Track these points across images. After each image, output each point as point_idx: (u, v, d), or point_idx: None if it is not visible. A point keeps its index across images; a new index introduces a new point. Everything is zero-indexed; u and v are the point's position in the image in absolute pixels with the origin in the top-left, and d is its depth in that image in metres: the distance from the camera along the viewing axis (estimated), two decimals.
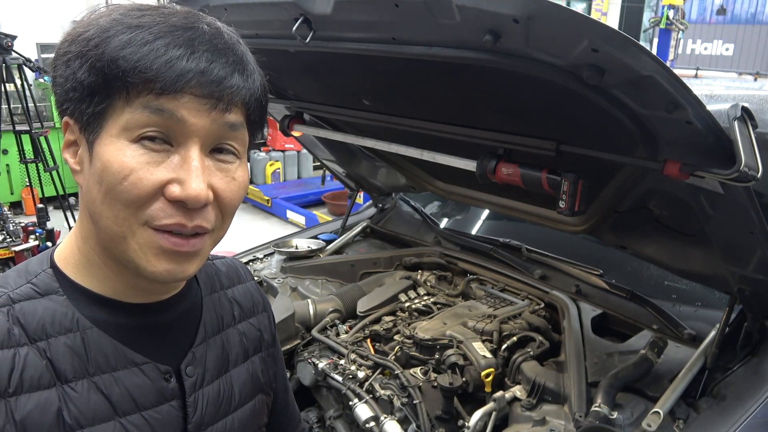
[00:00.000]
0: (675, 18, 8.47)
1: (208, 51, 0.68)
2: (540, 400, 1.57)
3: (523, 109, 1.51)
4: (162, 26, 0.68)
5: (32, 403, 0.68)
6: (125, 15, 0.70)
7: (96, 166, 0.69)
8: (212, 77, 0.68)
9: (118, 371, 0.75)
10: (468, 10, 1.07)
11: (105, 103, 0.68)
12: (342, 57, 1.56)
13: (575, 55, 1.04)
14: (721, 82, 3.45)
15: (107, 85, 0.67)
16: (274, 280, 2.26)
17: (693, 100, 1.01)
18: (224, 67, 0.69)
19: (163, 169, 0.69)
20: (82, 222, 0.76)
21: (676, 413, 1.43)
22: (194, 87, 0.67)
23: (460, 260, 2.30)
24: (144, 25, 0.68)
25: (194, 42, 0.68)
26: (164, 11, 0.71)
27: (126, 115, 0.68)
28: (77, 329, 0.73)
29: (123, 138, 0.68)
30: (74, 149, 0.73)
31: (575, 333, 1.75)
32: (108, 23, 0.69)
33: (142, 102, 0.67)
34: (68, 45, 0.71)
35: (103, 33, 0.68)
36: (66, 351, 0.72)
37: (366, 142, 1.97)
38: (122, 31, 0.67)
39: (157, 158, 0.69)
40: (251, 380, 0.94)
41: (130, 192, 0.68)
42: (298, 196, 7.05)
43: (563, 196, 1.38)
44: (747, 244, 1.32)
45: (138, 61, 0.66)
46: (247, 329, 0.96)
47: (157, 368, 0.78)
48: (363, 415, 1.57)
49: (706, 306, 1.86)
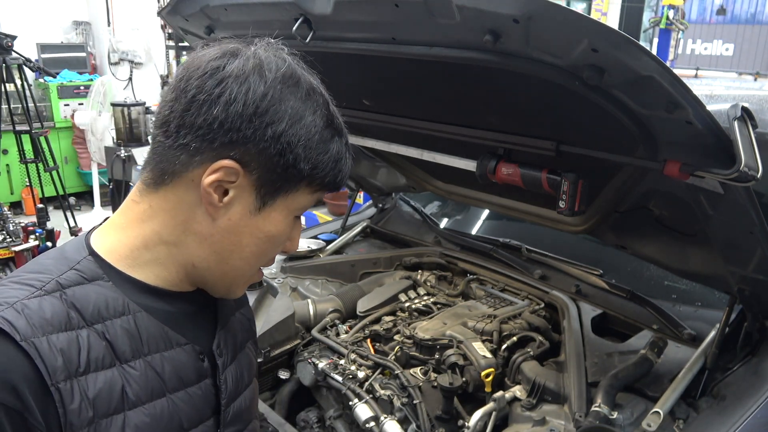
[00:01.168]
0: (675, 18, 8.47)
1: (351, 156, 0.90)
2: (540, 400, 1.57)
3: (523, 109, 1.51)
4: (343, 133, 0.88)
5: (101, 382, 0.74)
6: (325, 107, 0.85)
7: (266, 226, 0.83)
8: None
9: (167, 351, 0.82)
10: (468, 10, 1.07)
11: (299, 187, 0.82)
12: (342, 57, 1.56)
13: (575, 55, 1.04)
14: (721, 82, 3.45)
15: (314, 178, 0.82)
16: (274, 280, 2.26)
17: (693, 100, 1.01)
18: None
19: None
20: (170, 229, 0.82)
21: (676, 413, 1.43)
22: None
23: (460, 260, 2.30)
24: (339, 130, 0.87)
25: (344, 153, 0.88)
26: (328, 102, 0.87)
27: (306, 200, 0.85)
28: (129, 312, 0.79)
29: (292, 214, 0.85)
30: (224, 189, 0.80)
31: (575, 333, 1.75)
32: (322, 118, 0.83)
33: (319, 195, 0.86)
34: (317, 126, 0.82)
35: (323, 132, 0.83)
36: (122, 333, 0.77)
37: (366, 142, 1.97)
38: (333, 137, 0.84)
39: None
40: (250, 365, 1.03)
41: (277, 250, 0.89)
42: None
43: (563, 196, 1.38)
44: (747, 244, 1.32)
45: (341, 176, 0.86)
46: (241, 318, 1.04)
47: (194, 349, 0.86)
48: (363, 415, 1.57)
49: (706, 306, 1.86)
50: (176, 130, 0.78)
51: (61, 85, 6.60)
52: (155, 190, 0.82)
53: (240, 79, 0.77)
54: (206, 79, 0.77)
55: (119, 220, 0.85)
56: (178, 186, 0.80)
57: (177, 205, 0.81)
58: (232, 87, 0.77)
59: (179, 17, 1.74)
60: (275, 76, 0.79)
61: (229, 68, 0.78)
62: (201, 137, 0.78)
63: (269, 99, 0.78)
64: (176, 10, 1.70)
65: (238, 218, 0.81)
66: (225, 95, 0.76)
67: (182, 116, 0.78)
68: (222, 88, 0.77)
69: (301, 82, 0.82)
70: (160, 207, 0.82)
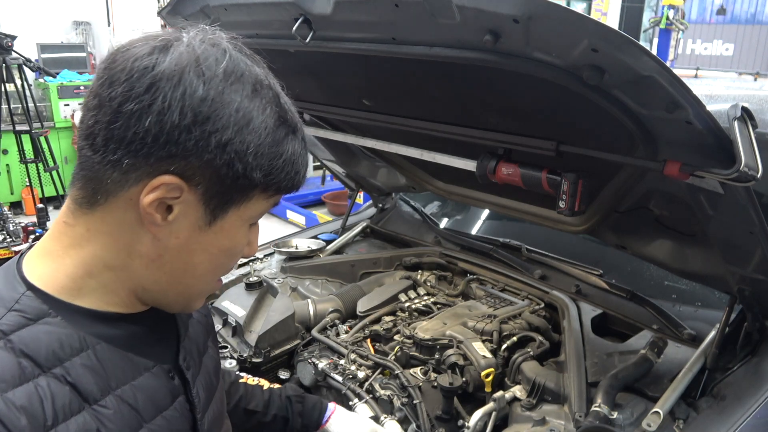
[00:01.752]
0: (675, 18, 8.47)
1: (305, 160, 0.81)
2: (540, 400, 1.57)
3: (523, 109, 1.51)
4: (298, 128, 0.77)
5: (73, 431, 0.66)
6: (275, 102, 0.74)
7: (218, 240, 0.76)
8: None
9: (135, 380, 0.75)
10: (468, 10, 1.07)
11: (251, 195, 0.75)
12: (342, 57, 1.56)
13: (575, 55, 1.04)
14: (721, 82, 3.45)
15: (268, 184, 0.74)
16: (274, 280, 2.26)
17: (693, 100, 1.01)
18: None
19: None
20: (113, 253, 0.73)
21: (676, 413, 1.43)
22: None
23: (460, 260, 2.30)
24: (294, 126, 0.76)
25: (300, 159, 0.79)
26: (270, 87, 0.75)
27: (262, 206, 0.77)
28: (87, 347, 0.71)
29: (248, 222, 0.78)
30: (167, 205, 0.71)
31: (575, 333, 1.75)
32: (272, 117, 0.73)
33: (275, 200, 0.78)
34: (233, 131, 0.70)
35: (275, 133, 0.73)
36: (85, 371, 0.69)
37: (366, 142, 1.97)
38: (287, 137, 0.75)
39: None
40: (216, 366, 0.99)
41: (235, 261, 0.82)
42: (298, 196, 7.04)
43: (563, 196, 1.38)
44: (747, 244, 1.32)
45: (298, 176, 0.78)
46: (199, 317, 0.99)
47: (162, 369, 0.80)
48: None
49: (706, 306, 1.86)
50: (104, 143, 0.68)
51: (61, 85, 6.60)
52: (90, 211, 0.72)
53: (173, 80, 0.66)
54: (133, 83, 0.66)
55: (53, 246, 0.75)
56: (115, 206, 0.71)
57: (117, 227, 0.72)
58: (164, 91, 0.66)
59: (179, 17, 1.74)
60: (215, 73, 0.69)
61: (160, 68, 0.67)
62: (134, 153, 0.67)
63: (210, 102, 0.67)
64: (176, 10, 1.70)
65: (187, 235, 0.73)
66: (157, 103, 0.66)
67: (109, 128, 0.67)
68: (153, 94, 0.66)
69: (245, 77, 0.71)
70: (99, 230, 0.72)
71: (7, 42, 4.60)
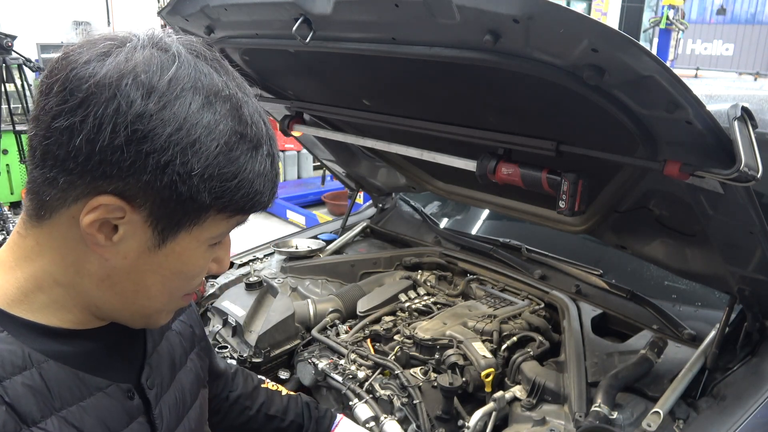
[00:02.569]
0: (675, 18, 8.47)
1: (277, 162, 0.73)
2: (540, 400, 1.57)
3: (523, 109, 1.51)
4: (263, 142, 0.69)
5: None
6: (232, 115, 0.66)
7: (170, 263, 0.70)
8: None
9: (84, 400, 0.70)
10: (468, 10, 1.07)
11: (206, 216, 0.68)
12: (342, 57, 1.56)
13: (575, 55, 1.04)
14: (721, 82, 3.45)
15: (223, 206, 0.68)
16: (274, 280, 2.26)
17: (693, 100, 1.01)
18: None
19: (210, 254, 0.75)
20: (61, 270, 0.69)
21: (676, 413, 1.43)
22: None
23: (460, 260, 2.30)
24: (256, 141, 0.68)
25: (277, 162, 0.73)
26: (228, 89, 0.68)
27: (221, 227, 0.71)
28: (32, 365, 0.66)
29: (207, 243, 0.72)
30: (112, 224, 0.66)
31: (575, 333, 1.75)
32: (225, 133, 0.65)
33: (239, 219, 0.72)
34: (170, 145, 0.62)
35: (229, 152, 0.65)
36: (25, 391, 0.64)
37: (366, 142, 1.97)
38: (246, 154, 0.67)
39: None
40: (196, 380, 0.94)
41: (197, 282, 0.76)
42: (298, 196, 7.05)
43: (563, 196, 1.38)
44: (747, 244, 1.32)
45: (262, 196, 0.70)
46: (181, 328, 0.95)
47: (120, 388, 0.75)
48: (363, 415, 1.57)
49: (706, 306, 1.86)
50: (42, 159, 0.63)
51: None
52: (39, 224, 0.68)
53: (107, 93, 0.60)
54: (66, 96, 0.60)
55: (6, 256, 0.71)
56: (59, 222, 0.66)
57: (63, 243, 0.67)
58: (97, 107, 0.59)
59: (179, 17, 1.74)
60: (156, 84, 0.61)
61: (95, 79, 0.60)
62: (68, 171, 0.62)
63: (148, 119, 0.60)
64: (176, 10, 1.70)
65: (135, 256, 0.68)
66: (89, 120, 0.59)
67: (43, 144, 0.62)
68: (85, 109, 0.60)
69: (198, 87, 0.64)
70: (47, 245, 0.68)
71: (7, 42, 4.60)
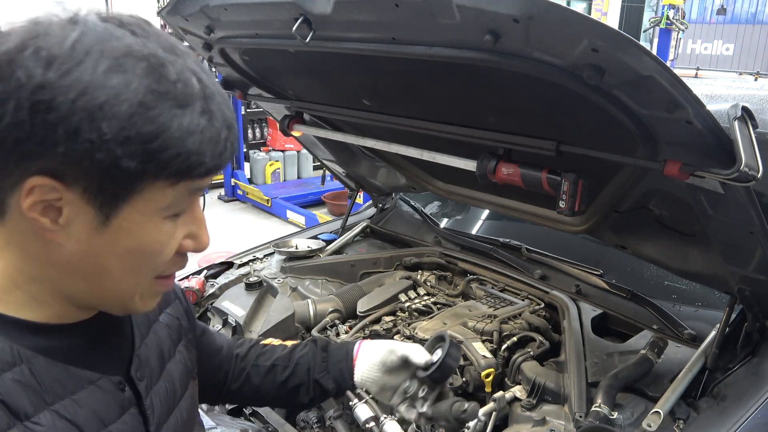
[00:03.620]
0: (675, 18, 8.46)
1: (231, 121, 0.69)
2: (540, 400, 1.57)
3: (523, 109, 1.51)
4: (199, 100, 0.64)
5: None
6: (149, 75, 0.61)
7: (120, 241, 0.67)
8: (234, 149, 0.70)
9: (76, 393, 0.70)
10: (468, 10, 1.07)
11: (142, 185, 0.64)
12: (342, 57, 1.56)
13: (575, 55, 1.04)
14: (721, 82, 3.45)
15: (156, 171, 0.63)
16: (274, 280, 2.26)
17: (693, 100, 1.01)
18: (234, 130, 0.70)
19: (179, 230, 0.71)
20: (29, 264, 0.69)
21: (676, 413, 1.43)
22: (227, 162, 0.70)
23: (460, 260, 2.30)
24: (186, 100, 0.63)
25: (226, 116, 0.67)
26: (164, 55, 0.64)
27: (169, 196, 0.66)
28: (21, 362, 0.66)
29: (158, 215, 0.68)
30: (55, 207, 0.64)
31: (575, 333, 1.75)
32: (139, 93, 0.60)
33: (189, 186, 0.67)
34: (86, 115, 0.59)
35: (146, 111, 0.60)
36: (16, 387, 0.65)
37: (366, 142, 1.97)
38: (169, 112, 0.62)
39: (173, 222, 0.70)
40: (185, 370, 0.94)
41: (162, 262, 0.71)
42: (298, 196, 7.05)
43: (563, 196, 1.38)
44: (747, 244, 1.32)
45: (202, 153, 0.65)
46: (168, 320, 0.94)
47: (110, 381, 0.75)
48: (363, 415, 1.57)
49: (706, 306, 1.86)
50: None
51: None
52: (2, 222, 0.67)
53: (8, 69, 0.58)
54: None
55: None
56: (12, 215, 0.65)
57: (22, 236, 0.66)
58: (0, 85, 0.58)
59: (179, 17, 1.74)
60: (57, 53, 0.59)
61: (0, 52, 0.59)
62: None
63: (50, 88, 0.58)
64: (176, 10, 1.70)
65: (86, 238, 0.65)
66: None
67: None
68: None
69: (105, 51, 0.60)
70: (12, 241, 0.68)
71: None
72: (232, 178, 7.34)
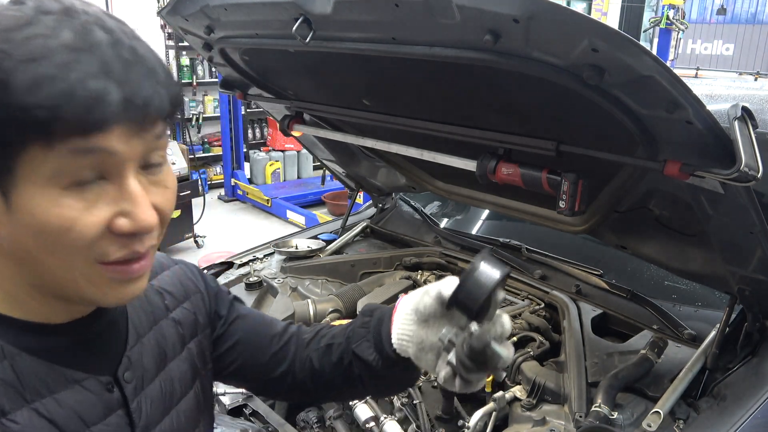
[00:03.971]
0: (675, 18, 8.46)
1: (124, 72, 0.60)
2: (540, 400, 1.57)
3: (523, 109, 1.51)
4: (62, 49, 0.57)
5: None
6: (7, 34, 0.57)
7: (25, 220, 0.61)
8: (139, 102, 0.61)
9: (59, 393, 0.69)
10: (468, 9, 1.07)
11: (18, 153, 0.58)
12: (342, 57, 1.56)
13: (575, 55, 1.04)
14: (721, 82, 3.45)
15: (19, 135, 0.57)
16: (274, 280, 2.26)
17: (693, 100, 1.01)
18: (144, 84, 0.62)
19: (104, 205, 0.62)
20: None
21: (676, 413, 1.43)
22: (122, 118, 0.60)
23: (460, 260, 2.30)
24: (40, 52, 0.57)
25: (107, 65, 0.59)
26: (40, 15, 0.59)
27: (51, 162, 0.59)
28: (4, 358, 0.66)
29: (53, 186, 0.60)
30: None
31: (575, 333, 1.75)
32: None
33: (68, 146, 0.58)
34: None
35: (34, 78, 0.56)
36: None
37: (366, 142, 1.97)
38: (17, 65, 0.56)
39: (93, 196, 0.62)
40: (190, 369, 0.90)
41: (78, 240, 0.62)
42: (298, 196, 7.05)
43: (563, 196, 1.38)
44: (747, 244, 1.32)
45: (56, 107, 0.56)
46: (182, 316, 0.91)
47: (98, 381, 0.74)
48: (363, 415, 1.57)
49: (706, 306, 1.86)
50: None
51: None
52: None
53: None
54: None
55: None
56: None
57: None
58: None
59: (179, 17, 1.74)
60: None
61: None
62: None
63: None
64: (176, 10, 1.70)
65: (5, 222, 0.62)
66: None
67: None
68: None
69: None
70: None
71: None
72: (232, 178, 7.35)
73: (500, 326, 0.83)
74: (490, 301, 0.82)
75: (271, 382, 1.04)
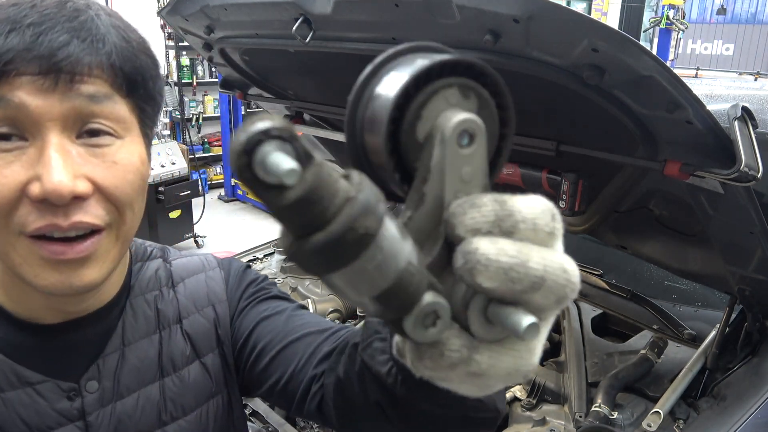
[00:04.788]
0: (675, 18, 8.46)
1: (35, 23, 0.57)
2: (540, 400, 1.57)
3: (523, 109, 1.50)
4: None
5: None
6: None
7: None
8: (41, 51, 0.56)
9: (6, 392, 0.66)
10: (468, 10, 1.07)
11: None
12: (342, 57, 1.56)
13: (575, 55, 1.04)
14: (722, 82, 3.45)
15: None
16: (274, 280, 2.26)
17: (693, 100, 1.01)
18: (57, 35, 0.57)
19: (19, 167, 0.58)
20: None
21: (676, 413, 1.43)
22: (23, 66, 0.56)
23: None
24: None
25: (18, 16, 0.57)
26: None
27: None
28: None
29: None
30: None
31: (575, 333, 1.75)
32: None
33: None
34: None
35: None
36: None
37: None
38: None
39: (11, 157, 0.58)
40: (203, 382, 0.80)
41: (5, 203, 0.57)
42: None
43: (563, 196, 1.38)
44: (747, 244, 1.32)
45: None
46: (198, 325, 0.81)
47: (58, 387, 0.68)
48: None
49: (706, 306, 1.86)
50: None
51: None
52: None
53: None
54: None
55: None
56: None
57: None
58: None
59: (179, 17, 1.74)
60: None
61: None
62: None
63: None
64: (176, 10, 1.70)
65: None
66: None
67: None
68: None
69: None
70: None
71: None
72: (232, 178, 7.35)
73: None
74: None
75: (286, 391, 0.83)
